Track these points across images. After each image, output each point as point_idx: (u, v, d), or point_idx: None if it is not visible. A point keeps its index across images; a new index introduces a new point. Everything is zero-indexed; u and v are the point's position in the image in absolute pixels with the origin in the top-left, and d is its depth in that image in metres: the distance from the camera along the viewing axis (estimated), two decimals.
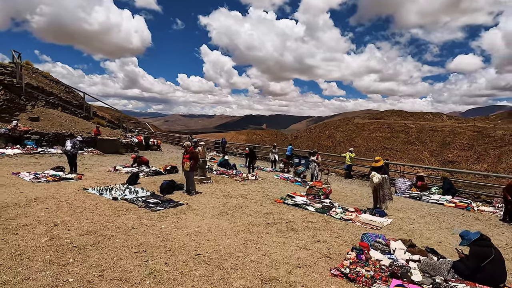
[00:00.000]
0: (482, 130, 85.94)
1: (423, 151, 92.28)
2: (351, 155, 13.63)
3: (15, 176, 9.10)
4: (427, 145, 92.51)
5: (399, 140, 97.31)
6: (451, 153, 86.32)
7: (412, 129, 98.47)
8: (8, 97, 16.41)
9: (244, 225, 5.86)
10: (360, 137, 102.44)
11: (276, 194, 9.17)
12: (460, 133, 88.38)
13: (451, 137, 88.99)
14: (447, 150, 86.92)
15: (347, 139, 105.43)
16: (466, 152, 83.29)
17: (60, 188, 7.95)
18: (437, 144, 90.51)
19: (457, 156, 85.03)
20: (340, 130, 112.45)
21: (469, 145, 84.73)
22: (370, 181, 7.63)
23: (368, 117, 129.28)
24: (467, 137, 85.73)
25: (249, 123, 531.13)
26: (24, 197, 6.70)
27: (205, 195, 8.40)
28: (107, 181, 9.42)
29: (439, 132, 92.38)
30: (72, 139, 10.27)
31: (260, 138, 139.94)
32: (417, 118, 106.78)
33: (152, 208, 6.68)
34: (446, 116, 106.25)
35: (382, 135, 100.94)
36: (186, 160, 8.27)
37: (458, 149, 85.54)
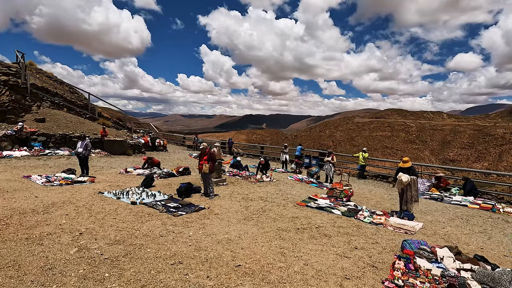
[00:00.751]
0: (482, 128, 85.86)
1: (424, 150, 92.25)
2: (364, 155, 13.34)
3: (26, 179, 8.78)
4: (427, 144, 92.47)
5: (400, 139, 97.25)
6: (452, 152, 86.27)
7: (412, 128, 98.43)
8: (14, 98, 16.06)
9: (273, 231, 5.57)
10: (361, 136, 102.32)
11: (295, 196, 8.89)
12: (461, 131, 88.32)
13: (451, 135, 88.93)
14: (448, 149, 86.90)
15: (347, 138, 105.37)
16: (466, 151, 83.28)
17: (75, 192, 7.65)
18: (438, 143, 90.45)
19: (457, 155, 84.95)
20: (341, 130, 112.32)
21: (469, 143, 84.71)
22: (398, 183, 7.35)
23: (368, 116, 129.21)
24: (468, 136, 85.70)
25: (249, 122, 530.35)
26: (40, 202, 6.39)
27: (224, 198, 8.11)
28: (120, 184, 9.12)
29: (439, 131, 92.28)
30: (84, 141, 9.95)
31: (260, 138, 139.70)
32: (417, 117, 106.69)
33: (174, 213, 6.39)
34: (446, 114, 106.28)
35: (382, 134, 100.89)
36: (204, 162, 7.96)
37: (459, 148, 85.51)
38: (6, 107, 15.46)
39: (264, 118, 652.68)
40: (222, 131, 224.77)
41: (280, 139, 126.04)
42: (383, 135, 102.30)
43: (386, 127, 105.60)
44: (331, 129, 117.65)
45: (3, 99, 15.54)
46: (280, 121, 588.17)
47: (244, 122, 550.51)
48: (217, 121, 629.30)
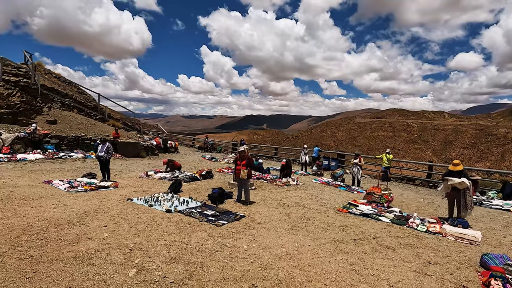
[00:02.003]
0: (484, 128, 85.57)
1: (426, 150, 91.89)
2: (388, 156, 12.88)
3: (47, 184, 8.28)
4: (429, 143, 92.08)
5: (401, 139, 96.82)
6: (454, 152, 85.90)
7: (414, 128, 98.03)
8: (25, 99, 15.55)
9: (330, 243, 5.09)
10: (362, 136, 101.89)
11: (330, 201, 8.42)
12: (463, 131, 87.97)
13: (453, 135, 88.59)
14: (450, 149, 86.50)
15: (349, 139, 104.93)
16: (469, 151, 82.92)
17: (103, 198, 7.15)
18: (440, 143, 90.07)
19: (460, 155, 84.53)
20: (342, 130, 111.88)
21: (471, 143, 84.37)
22: (444, 187, 6.88)
23: (370, 116, 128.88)
24: (470, 136, 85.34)
25: (250, 123, 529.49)
26: (72, 211, 5.90)
27: (259, 204, 7.62)
28: (145, 189, 8.63)
29: (441, 131, 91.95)
30: (105, 144, 9.46)
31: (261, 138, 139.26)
32: (418, 117, 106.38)
33: (214, 222, 5.90)
34: (448, 114, 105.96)
35: (384, 134, 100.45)
36: (242, 167, 7.46)
37: (461, 148, 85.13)
38: (17, 109, 14.94)
39: (264, 118, 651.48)
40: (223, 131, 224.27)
41: (281, 140, 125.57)
42: (385, 135, 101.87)
43: (388, 127, 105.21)
44: (333, 129, 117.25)
45: (15, 100, 15.03)
46: (281, 121, 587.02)
47: (245, 122, 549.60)
48: (218, 122, 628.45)
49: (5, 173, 9.51)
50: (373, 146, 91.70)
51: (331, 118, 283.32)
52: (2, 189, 7.32)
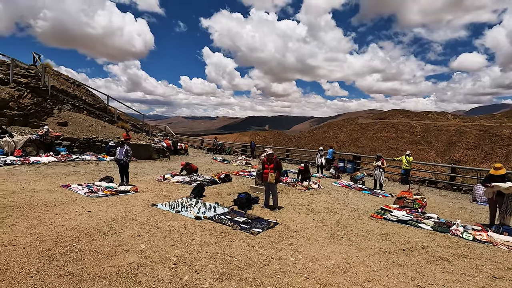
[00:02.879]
0: (488, 129, 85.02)
1: (429, 150, 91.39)
2: (408, 158, 12.50)
3: (66, 189, 7.96)
4: (432, 144, 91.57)
5: (404, 140, 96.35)
6: (458, 153, 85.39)
7: (417, 128, 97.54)
8: (35, 101, 15.26)
9: (378, 253, 4.73)
10: (365, 137, 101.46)
11: (360, 206, 8.06)
12: (466, 132, 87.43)
13: (457, 136, 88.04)
14: (454, 150, 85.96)
15: (351, 140, 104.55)
16: (473, 151, 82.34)
17: (126, 204, 6.81)
18: (443, 144, 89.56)
19: (463, 156, 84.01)
20: (344, 131, 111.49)
21: (475, 144, 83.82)
22: (487, 192, 6.52)
23: (372, 117, 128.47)
24: (473, 136, 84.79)
25: (252, 124, 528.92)
26: (99, 218, 5.56)
27: (288, 210, 7.27)
28: (166, 193, 8.29)
29: (444, 131, 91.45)
30: (124, 147, 9.12)
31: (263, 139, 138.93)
32: (421, 118, 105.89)
33: (248, 230, 5.55)
34: (451, 115, 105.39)
35: (387, 135, 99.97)
36: (269, 170, 7.12)
37: (465, 148, 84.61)
38: (28, 110, 14.64)
39: (266, 119, 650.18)
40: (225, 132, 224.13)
41: (283, 141, 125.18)
42: (388, 136, 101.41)
43: (391, 128, 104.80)
44: (335, 130, 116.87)
45: (25, 102, 14.74)
46: (282, 122, 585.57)
47: (247, 123, 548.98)
48: (220, 123, 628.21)
49: (21, 177, 9.20)
50: (376, 147, 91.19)
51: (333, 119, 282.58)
52: (22, 194, 6.99)
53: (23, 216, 5.43)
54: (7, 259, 3.68)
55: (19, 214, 5.51)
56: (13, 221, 5.13)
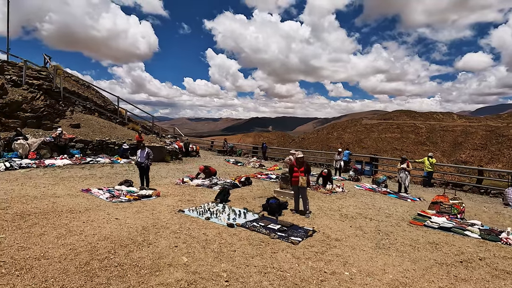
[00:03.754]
0: (494, 129, 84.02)
1: (435, 151, 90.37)
2: (431, 160, 12.07)
3: (87, 194, 7.65)
4: (438, 145, 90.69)
5: (409, 140, 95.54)
6: (464, 153, 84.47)
7: (422, 129, 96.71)
8: (48, 103, 15.02)
9: (435, 266, 4.36)
10: (369, 138, 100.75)
11: (392, 211, 7.67)
12: (472, 132, 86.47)
13: (463, 136, 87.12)
14: (460, 150, 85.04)
15: (356, 140, 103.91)
16: (479, 152, 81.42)
17: (152, 210, 6.49)
18: (449, 144, 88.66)
19: (470, 156, 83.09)
20: (348, 132, 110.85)
21: (482, 145, 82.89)
22: None
23: (376, 117, 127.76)
24: (480, 137, 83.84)
25: (255, 125, 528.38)
26: (128, 226, 5.23)
27: (320, 215, 6.90)
28: (189, 198, 7.96)
29: (450, 132, 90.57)
30: (144, 149, 8.80)
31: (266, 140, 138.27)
32: (426, 118, 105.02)
33: (287, 238, 5.20)
34: (457, 115, 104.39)
35: (391, 135, 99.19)
36: (300, 173, 6.75)
37: (471, 149, 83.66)
38: (41, 113, 14.40)
39: (270, 120, 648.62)
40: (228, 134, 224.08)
41: (287, 142, 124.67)
42: (392, 137, 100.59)
43: (395, 128, 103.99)
44: (339, 131, 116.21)
45: (39, 104, 14.50)
46: (286, 123, 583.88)
47: (250, 124, 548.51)
48: (223, 124, 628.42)
49: (38, 181, 8.91)
50: (380, 148, 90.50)
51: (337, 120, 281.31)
52: (44, 200, 6.69)
53: (49, 224, 5.11)
54: (44, 275, 3.35)
55: (45, 222, 5.19)
56: (40, 230, 4.81)
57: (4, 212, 5.54)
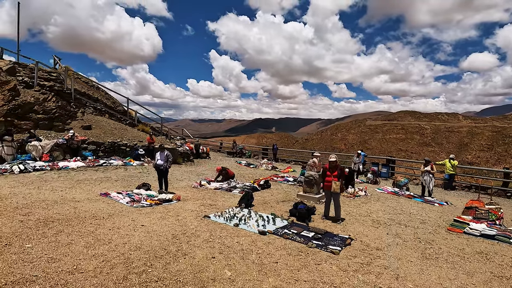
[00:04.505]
0: (501, 130, 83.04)
1: (440, 152, 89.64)
2: (453, 162, 11.67)
3: (106, 198, 7.37)
4: (443, 146, 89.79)
5: (414, 141, 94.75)
6: (470, 155, 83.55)
7: (427, 130, 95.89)
8: (60, 104, 14.82)
9: (496, 280, 4.02)
10: (374, 139, 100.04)
11: (425, 217, 7.31)
12: (478, 133, 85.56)
13: (468, 137, 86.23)
14: (466, 151, 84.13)
15: (360, 141, 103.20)
16: (485, 153, 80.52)
17: (176, 216, 6.19)
18: (454, 145, 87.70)
19: (476, 158, 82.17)
20: (352, 132, 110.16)
21: (488, 146, 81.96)
22: None
23: (381, 118, 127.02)
24: (486, 138, 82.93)
25: (259, 126, 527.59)
26: (157, 234, 4.93)
27: (351, 222, 6.56)
28: (210, 202, 7.65)
29: (455, 133, 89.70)
30: (164, 152, 8.51)
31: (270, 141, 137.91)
32: (431, 119, 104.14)
33: (325, 247, 4.88)
34: (462, 116, 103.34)
35: (396, 136, 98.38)
36: (333, 178, 6.42)
37: (477, 150, 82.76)
38: (53, 114, 14.20)
39: (273, 121, 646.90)
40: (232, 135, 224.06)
41: (291, 143, 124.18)
42: (397, 138, 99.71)
43: (400, 129, 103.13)
44: (343, 132, 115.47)
45: (50, 105, 14.30)
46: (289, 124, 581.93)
47: (254, 126, 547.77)
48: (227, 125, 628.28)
49: (54, 184, 8.66)
50: (385, 149, 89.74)
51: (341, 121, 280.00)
52: (64, 204, 6.41)
53: (75, 231, 4.83)
54: None
55: (70, 230, 4.91)
56: (67, 238, 4.52)
57: (27, 219, 5.27)
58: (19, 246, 4.09)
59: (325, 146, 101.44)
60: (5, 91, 13.07)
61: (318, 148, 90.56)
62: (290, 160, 20.00)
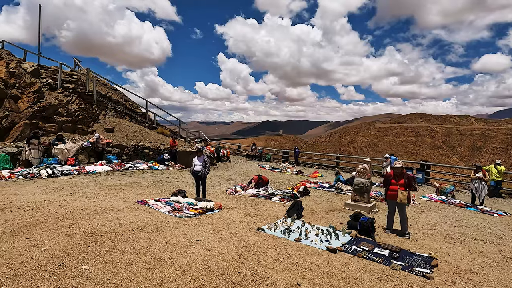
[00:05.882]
0: None
1: (452, 156, 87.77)
2: (499, 168, 10.86)
3: (144, 205, 6.83)
4: (456, 149, 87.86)
5: (425, 144, 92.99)
6: (483, 158, 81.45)
7: (438, 133, 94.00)
8: (83, 107, 14.45)
9: None
10: (383, 141, 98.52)
11: (494, 230, 6.57)
12: (492, 136, 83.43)
13: (481, 140, 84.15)
14: (479, 155, 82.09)
15: (369, 144, 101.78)
16: (499, 156, 78.30)
17: (228, 228, 5.58)
18: (467, 148, 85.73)
19: (490, 161, 79.97)
20: (361, 135, 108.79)
21: (502, 149, 79.84)
22: None
23: (390, 121, 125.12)
24: (500, 141, 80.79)
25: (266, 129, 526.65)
26: (219, 252, 4.33)
27: (417, 236, 5.86)
28: (256, 212, 7.03)
29: (468, 136, 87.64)
30: (201, 156, 7.94)
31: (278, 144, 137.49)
32: (442, 121, 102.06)
33: (411, 269, 4.21)
34: (475, 118, 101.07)
35: (406, 139, 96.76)
36: (399, 187, 5.75)
37: (491, 153, 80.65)
38: (77, 116, 13.82)
39: (281, 124, 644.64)
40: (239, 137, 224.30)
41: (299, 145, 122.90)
42: (407, 141, 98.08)
43: (410, 132, 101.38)
44: (352, 135, 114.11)
45: (74, 108, 13.93)
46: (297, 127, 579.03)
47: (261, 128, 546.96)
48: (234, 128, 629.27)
49: (86, 190, 8.17)
50: (395, 152, 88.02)
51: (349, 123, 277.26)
52: (105, 214, 5.87)
53: (129, 248, 4.26)
54: None
55: (122, 246, 4.34)
56: (123, 257, 3.95)
57: (72, 232, 4.73)
58: (75, 268, 3.53)
59: (333, 149, 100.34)
60: (30, 93, 12.75)
61: (326, 150, 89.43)
62: (312, 164, 19.28)
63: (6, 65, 13.05)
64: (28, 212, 5.73)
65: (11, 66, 13.25)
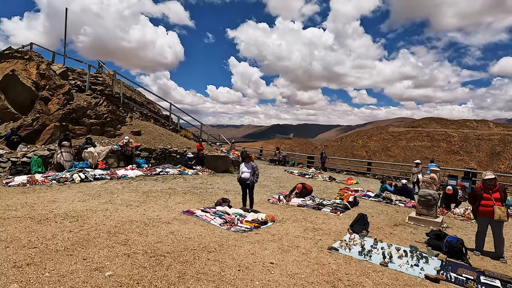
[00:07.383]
0: None
1: (469, 161, 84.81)
2: None
3: (191, 216, 6.20)
4: (473, 155, 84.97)
5: (441, 149, 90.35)
6: (503, 164, 78.45)
7: (454, 137, 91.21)
8: (110, 109, 14.07)
9: None
10: (397, 146, 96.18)
11: None
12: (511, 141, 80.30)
13: (501, 146, 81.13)
14: (498, 161, 79.12)
15: (382, 149, 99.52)
16: None
17: (295, 246, 4.86)
18: (485, 154, 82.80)
19: (510, 167, 77.12)
20: (374, 139, 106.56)
21: None
22: None
23: (404, 125, 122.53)
24: None
25: (277, 132, 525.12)
26: (306, 281, 3.61)
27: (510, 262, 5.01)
28: (312, 225, 6.29)
29: (486, 141, 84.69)
30: (249, 163, 7.26)
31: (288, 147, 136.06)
32: (459, 126, 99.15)
33: None
34: (493, 123, 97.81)
35: (421, 144, 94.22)
36: (494, 202, 4.93)
37: (511, 159, 77.65)
38: (105, 119, 13.43)
39: (291, 127, 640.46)
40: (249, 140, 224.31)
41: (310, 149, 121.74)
42: (422, 145, 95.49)
43: (425, 136, 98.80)
44: (364, 139, 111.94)
45: (102, 110, 13.56)
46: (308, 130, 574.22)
47: (272, 131, 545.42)
48: (245, 131, 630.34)
49: (123, 196, 7.61)
50: (409, 157, 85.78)
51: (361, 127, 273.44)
52: (158, 228, 5.24)
53: (200, 274, 3.58)
54: None
55: (191, 269, 3.68)
56: (199, 286, 3.28)
57: (131, 251, 4.10)
58: None
59: (345, 153, 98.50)
60: (59, 95, 12.42)
61: (338, 154, 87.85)
62: (340, 170, 18.39)
63: (36, 67, 12.80)
64: (74, 223, 5.15)
65: (41, 68, 12.99)
